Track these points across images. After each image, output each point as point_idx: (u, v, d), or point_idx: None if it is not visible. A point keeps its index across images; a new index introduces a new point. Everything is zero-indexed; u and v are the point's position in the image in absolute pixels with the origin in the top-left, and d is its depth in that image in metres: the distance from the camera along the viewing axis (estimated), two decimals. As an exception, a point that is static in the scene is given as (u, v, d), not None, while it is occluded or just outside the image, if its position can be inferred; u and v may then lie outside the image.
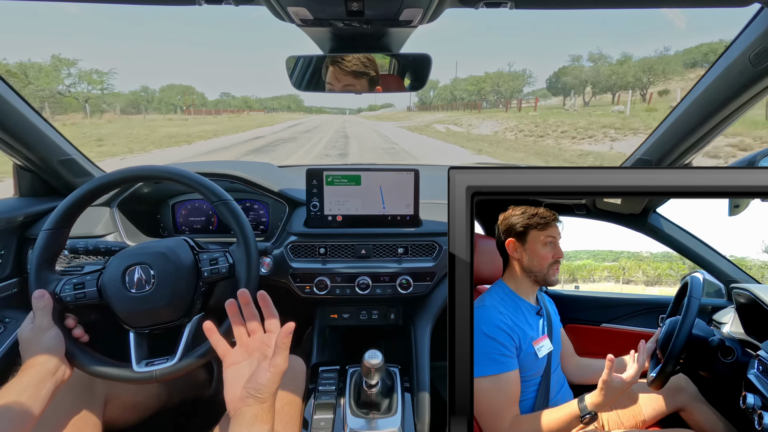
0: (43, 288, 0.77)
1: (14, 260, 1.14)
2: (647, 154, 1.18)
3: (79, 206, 0.83)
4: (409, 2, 0.67)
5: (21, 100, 1.03)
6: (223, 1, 0.69)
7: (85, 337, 0.82)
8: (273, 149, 15.35)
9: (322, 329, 1.28)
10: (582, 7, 0.73)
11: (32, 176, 1.23)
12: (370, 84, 1.00)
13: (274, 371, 0.67)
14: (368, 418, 0.88)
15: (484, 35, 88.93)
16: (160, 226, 1.39)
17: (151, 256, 0.82)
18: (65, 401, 0.82)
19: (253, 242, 0.84)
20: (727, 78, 0.88)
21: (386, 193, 1.15)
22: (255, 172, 1.27)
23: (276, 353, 0.68)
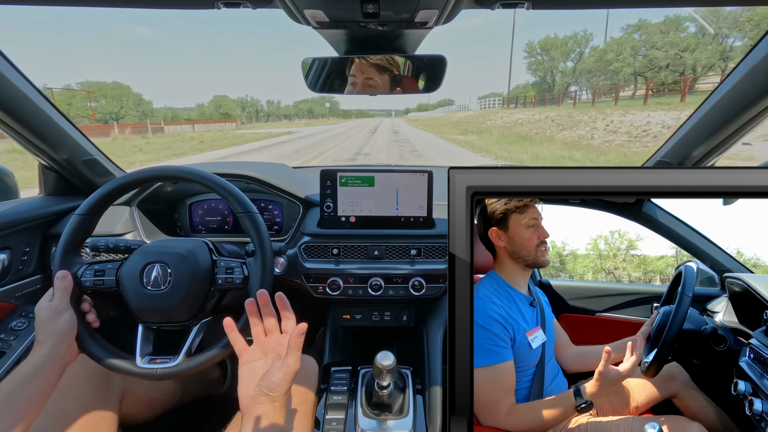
0: (66, 269, 0.80)
1: (38, 257, 1.18)
2: (667, 156, 1.15)
3: (113, 196, 0.86)
4: (424, 3, 0.67)
5: (47, 101, 1.06)
6: (241, 4, 0.70)
7: (97, 323, 0.84)
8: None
9: (335, 330, 1.28)
10: (601, 7, 0.72)
11: (56, 176, 1.27)
12: (391, 83, 1.00)
13: (286, 371, 0.67)
14: (380, 419, 0.88)
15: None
16: (178, 225, 1.41)
17: (170, 256, 0.84)
18: (83, 395, 0.84)
19: (270, 259, 0.85)
20: (752, 80, 0.85)
21: (400, 194, 1.15)
22: (269, 172, 1.28)
23: (288, 353, 0.69)
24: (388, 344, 1.32)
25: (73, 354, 0.77)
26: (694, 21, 30.69)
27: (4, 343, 1.00)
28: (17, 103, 0.99)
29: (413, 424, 0.89)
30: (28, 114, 1.03)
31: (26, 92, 0.99)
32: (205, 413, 1.29)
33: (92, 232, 0.87)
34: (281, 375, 0.67)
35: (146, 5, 0.75)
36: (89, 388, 0.86)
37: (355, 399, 0.96)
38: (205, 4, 0.70)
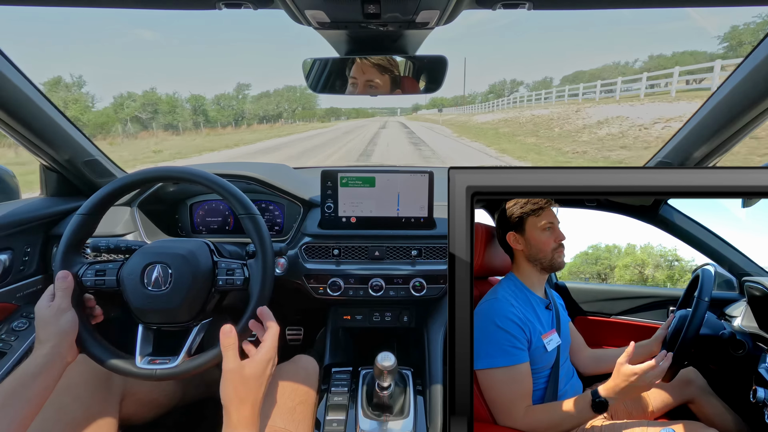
0: (67, 269, 0.80)
1: (39, 258, 1.18)
2: (668, 157, 1.15)
3: (115, 196, 0.86)
4: (425, 4, 0.67)
5: (49, 103, 1.06)
6: (242, 5, 0.70)
7: (100, 317, 0.84)
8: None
9: (335, 330, 1.28)
10: (601, 7, 0.71)
11: (57, 177, 1.27)
12: (392, 83, 1.00)
13: (223, 376, 0.70)
14: (380, 420, 0.88)
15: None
16: (179, 226, 1.41)
17: (171, 257, 0.84)
18: (83, 396, 0.84)
19: (271, 261, 0.84)
20: (753, 80, 0.85)
21: (401, 195, 1.15)
22: (270, 173, 1.28)
23: (223, 356, 0.71)
24: (389, 345, 1.32)
25: (74, 354, 0.77)
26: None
27: (5, 343, 1.00)
28: (19, 104, 1.00)
29: (414, 425, 0.88)
30: (30, 115, 1.03)
31: (28, 93, 1.00)
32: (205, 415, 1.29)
33: (94, 231, 0.87)
34: (223, 380, 0.70)
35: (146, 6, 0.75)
36: (90, 389, 0.86)
37: (355, 400, 0.96)
38: (206, 4, 0.70)
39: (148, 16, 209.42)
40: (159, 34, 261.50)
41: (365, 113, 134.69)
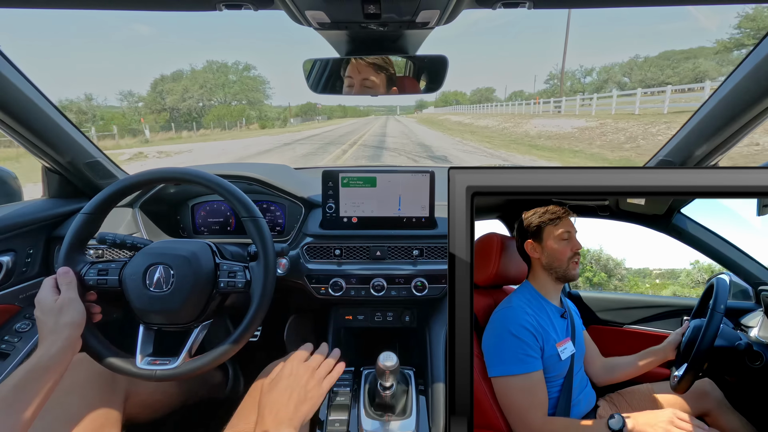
0: (70, 267, 0.80)
1: (42, 259, 1.18)
2: (670, 156, 1.15)
3: (118, 196, 0.86)
4: (425, 4, 0.67)
5: (50, 104, 1.07)
6: (242, 6, 0.70)
7: (99, 316, 0.84)
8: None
9: (337, 330, 1.28)
10: (602, 6, 0.71)
11: (59, 178, 1.28)
12: (388, 82, 1.00)
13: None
14: (383, 420, 0.88)
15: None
16: (180, 227, 1.42)
17: (173, 258, 0.84)
18: (88, 395, 0.84)
19: (272, 265, 0.84)
20: (755, 77, 0.85)
21: (402, 195, 1.15)
22: (271, 173, 1.28)
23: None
24: (391, 345, 1.32)
25: (80, 345, 0.77)
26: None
27: (8, 344, 1.01)
28: (22, 107, 1.00)
29: (416, 425, 0.88)
30: (32, 117, 1.03)
31: (30, 96, 1.00)
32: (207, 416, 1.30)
33: (97, 231, 0.87)
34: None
35: (146, 7, 0.75)
36: (94, 389, 0.86)
37: (357, 400, 0.96)
38: (206, 5, 0.70)
39: (147, 16, 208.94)
40: (154, 29, 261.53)
41: (360, 112, 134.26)
